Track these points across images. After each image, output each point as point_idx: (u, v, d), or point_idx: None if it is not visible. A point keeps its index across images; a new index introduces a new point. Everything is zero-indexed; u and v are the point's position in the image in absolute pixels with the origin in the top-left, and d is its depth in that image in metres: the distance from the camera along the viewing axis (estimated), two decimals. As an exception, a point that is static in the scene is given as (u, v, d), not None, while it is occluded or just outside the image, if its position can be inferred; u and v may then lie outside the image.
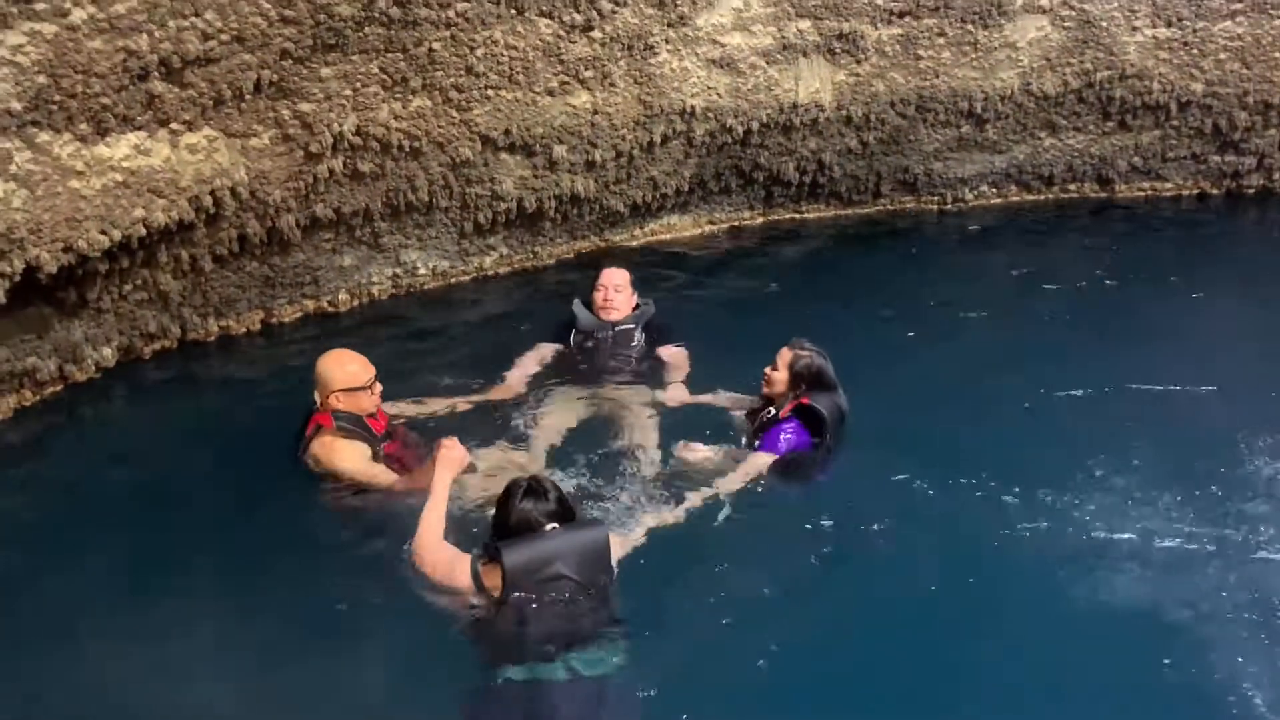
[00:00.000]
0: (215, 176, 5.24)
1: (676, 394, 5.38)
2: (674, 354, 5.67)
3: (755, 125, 7.14)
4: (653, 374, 5.57)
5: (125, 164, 4.85)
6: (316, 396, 4.63)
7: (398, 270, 6.81)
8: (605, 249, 7.68)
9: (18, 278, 4.67)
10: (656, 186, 7.34)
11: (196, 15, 4.61)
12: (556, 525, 3.72)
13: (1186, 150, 8.33)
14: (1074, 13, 7.27)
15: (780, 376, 4.84)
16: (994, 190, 8.54)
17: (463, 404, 5.26)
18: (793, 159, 7.66)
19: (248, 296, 6.18)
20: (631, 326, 5.65)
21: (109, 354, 5.68)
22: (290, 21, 4.90)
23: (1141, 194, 8.67)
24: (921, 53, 7.21)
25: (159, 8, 4.48)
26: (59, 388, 5.58)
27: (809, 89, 7.12)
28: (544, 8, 5.77)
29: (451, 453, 4.09)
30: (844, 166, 7.91)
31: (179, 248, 5.52)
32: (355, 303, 6.70)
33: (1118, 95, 7.75)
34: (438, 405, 5.24)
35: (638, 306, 5.76)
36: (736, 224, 8.20)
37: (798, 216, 8.30)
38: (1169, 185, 8.68)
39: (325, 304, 6.58)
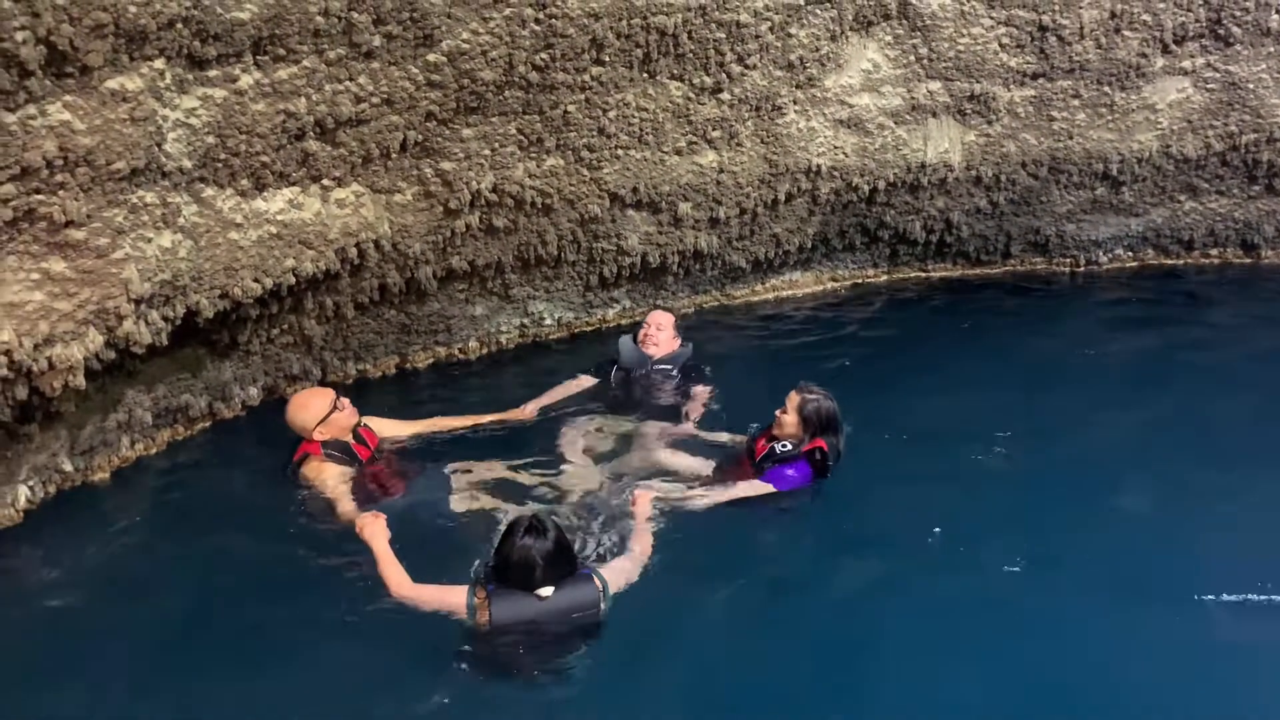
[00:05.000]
0: (361, 230, 5.54)
1: (683, 429, 5.65)
2: (698, 392, 5.96)
3: (881, 184, 7.15)
4: (680, 409, 5.85)
5: (279, 217, 5.17)
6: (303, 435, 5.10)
7: (525, 320, 7.02)
8: (726, 303, 7.77)
9: (179, 321, 5.02)
10: (779, 243, 7.40)
11: (351, 80, 4.91)
12: (551, 590, 3.99)
13: (1341, 215, 7.97)
14: (1218, 74, 7.06)
15: (790, 420, 4.97)
16: (1129, 253, 8.31)
17: (480, 421, 5.79)
18: (919, 218, 7.62)
19: (385, 342, 6.48)
20: (668, 366, 6.02)
21: (255, 393, 6.02)
22: (436, 86, 5.17)
23: (1291, 260, 8.31)
24: (1055, 114, 7.10)
25: (317, 73, 4.79)
26: (208, 424, 5.93)
27: (938, 149, 7.09)
28: (675, 71, 5.93)
29: (373, 526, 4.46)
30: (972, 226, 7.83)
31: (324, 295, 5.84)
32: (484, 350, 6.94)
33: (1265, 158, 7.48)
34: (458, 423, 5.74)
35: (682, 347, 6.14)
36: (859, 281, 8.19)
37: (923, 275, 8.24)
38: (1322, 252, 8.30)
39: (456, 351, 6.84)
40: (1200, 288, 8.03)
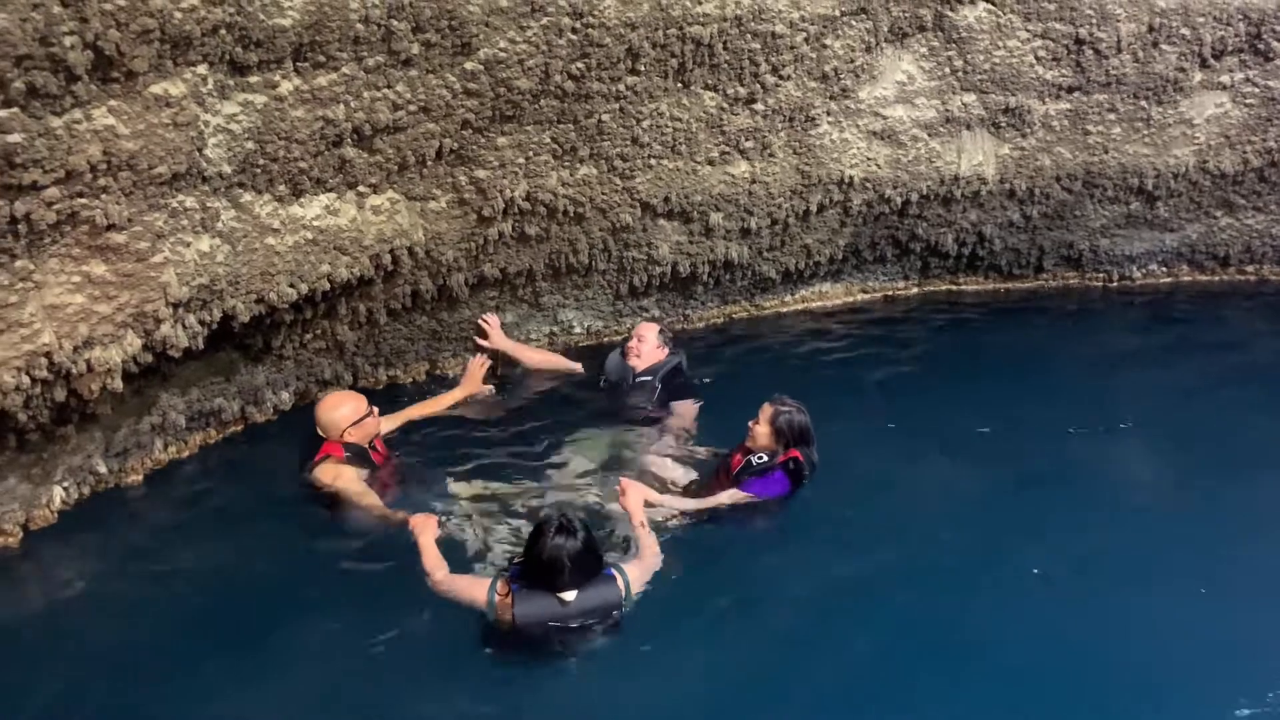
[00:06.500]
0: (395, 236, 5.56)
1: (661, 446, 5.69)
2: (682, 407, 5.97)
3: (914, 196, 7.11)
4: (663, 423, 5.87)
5: (316, 223, 5.20)
6: (324, 435, 5.18)
7: (554, 328, 7.03)
8: (755, 314, 7.75)
9: (215, 325, 5.05)
10: (810, 254, 7.37)
11: (389, 87, 4.94)
12: (574, 594, 4.05)
13: (1380, 233, 7.86)
14: (1257, 89, 7.00)
15: (762, 430, 5.04)
16: (1164, 269, 8.23)
17: (453, 399, 6.04)
18: (952, 231, 7.58)
19: (416, 348, 6.49)
20: (649, 379, 6.04)
21: (286, 398, 6.05)
22: (473, 94, 5.18)
23: (1329, 277, 8.21)
24: (1090, 128, 7.05)
25: (356, 80, 4.81)
26: (239, 427, 5.96)
27: (971, 161, 7.06)
28: (709, 81, 5.92)
29: (426, 523, 4.62)
30: (1005, 240, 7.78)
31: (357, 301, 5.86)
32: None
33: (1304, 174, 7.40)
34: (434, 407, 5.97)
35: (670, 357, 6.15)
36: (890, 294, 8.14)
37: (954, 288, 8.18)
38: (1360, 269, 8.19)
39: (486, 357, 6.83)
40: (1235, 304, 7.94)
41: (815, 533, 5.01)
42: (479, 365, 6.15)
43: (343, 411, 5.19)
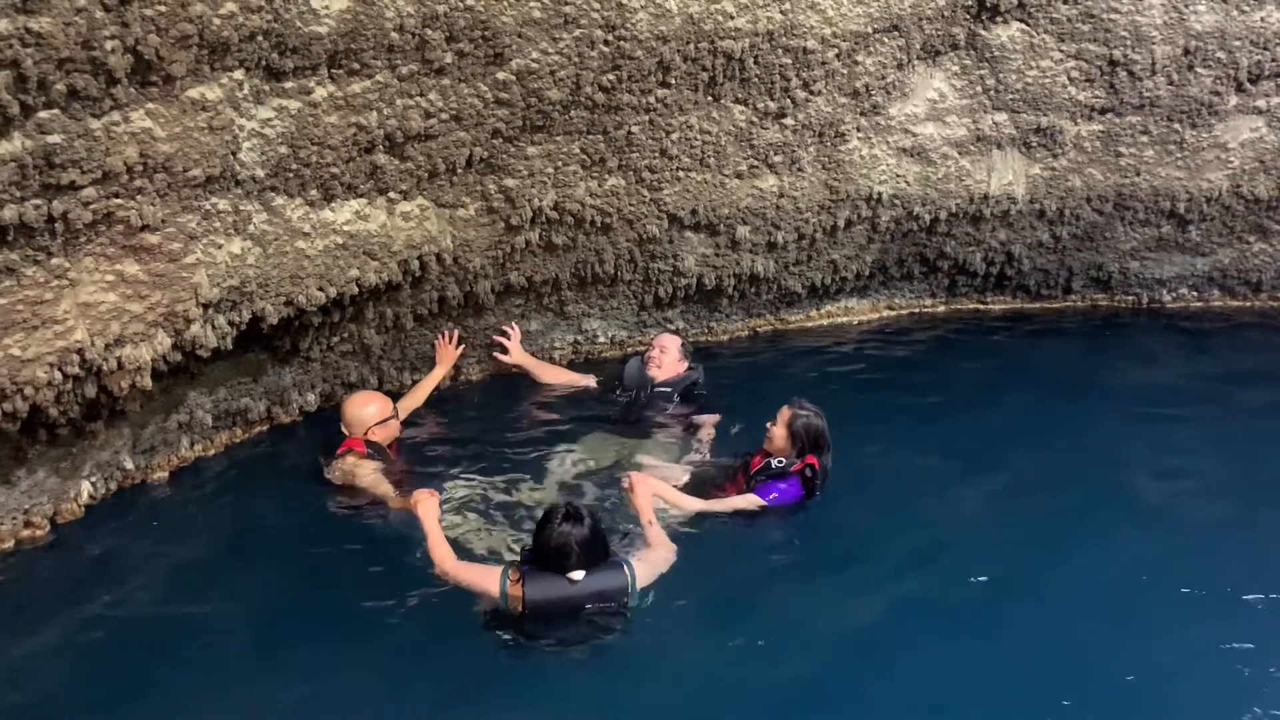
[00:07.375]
0: (424, 243, 5.61)
1: (674, 454, 5.68)
2: (704, 419, 5.95)
3: (943, 214, 7.09)
4: (680, 434, 5.88)
5: (346, 228, 5.25)
6: (348, 432, 5.38)
7: (578, 337, 7.05)
8: (780, 328, 7.75)
9: (244, 326, 5.12)
10: (836, 269, 7.36)
11: (421, 95, 4.99)
12: (582, 574, 4.11)
13: None
14: (1294, 114, 6.95)
15: (779, 433, 5.06)
16: (1194, 293, 8.16)
17: (439, 377, 6.25)
18: (980, 249, 7.55)
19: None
20: (669, 390, 6.07)
21: (312, 399, 6.11)
22: (504, 104, 5.23)
23: (1365, 304, 8.11)
24: (1123, 150, 7.01)
25: (389, 88, 4.87)
26: (265, 428, 6.02)
27: (1001, 181, 7.03)
28: (739, 95, 5.94)
29: (427, 504, 4.62)
30: (1034, 260, 7.74)
31: (385, 306, 5.92)
32: (537, 365, 6.96)
33: (1340, 201, 7.32)
34: (426, 389, 6.15)
35: (689, 371, 6.19)
36: (916, 311, 8.11)
37: (982, 307, 8.14)
38: (1396, 297, 8.08)
39: (511, 367, 6.86)
40: (1266, 330, 7.85)
41: (828, 541, 5.02)
42: (446, 341, 6.32)
43: (369, 410, 5.38)
